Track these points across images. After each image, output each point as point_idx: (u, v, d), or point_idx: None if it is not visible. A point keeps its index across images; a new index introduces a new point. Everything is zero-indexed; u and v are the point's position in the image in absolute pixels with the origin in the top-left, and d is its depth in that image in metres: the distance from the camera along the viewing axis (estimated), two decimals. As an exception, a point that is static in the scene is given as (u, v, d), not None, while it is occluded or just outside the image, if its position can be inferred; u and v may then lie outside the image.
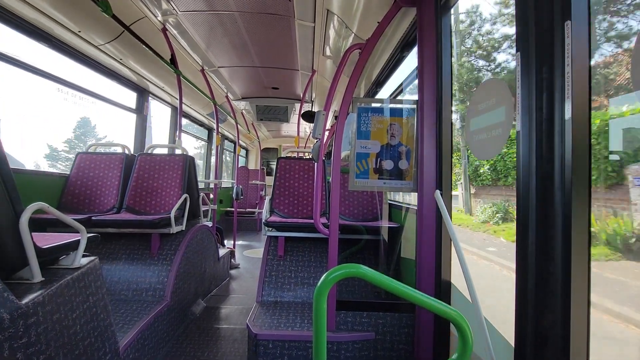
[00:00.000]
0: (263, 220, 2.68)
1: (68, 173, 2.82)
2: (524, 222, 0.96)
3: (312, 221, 2.30)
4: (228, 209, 7.11)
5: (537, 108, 0.93)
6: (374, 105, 1.99)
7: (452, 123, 1.72)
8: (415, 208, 1.86)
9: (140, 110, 3.65)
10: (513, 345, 1.01)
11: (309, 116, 4.18)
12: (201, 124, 5.58)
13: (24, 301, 0.97)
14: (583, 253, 0.85)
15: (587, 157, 0.85)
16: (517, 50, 1.00)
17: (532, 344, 0.94)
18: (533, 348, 0.94)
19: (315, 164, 2.27)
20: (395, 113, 1.97)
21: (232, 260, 4.35)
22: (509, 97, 1.14)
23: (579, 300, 0.85)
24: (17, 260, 1.11)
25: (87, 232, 1.45)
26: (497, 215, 8.12)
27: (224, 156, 7.34)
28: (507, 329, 1.21)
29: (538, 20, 0.93)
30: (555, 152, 0.89)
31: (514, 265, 1.00)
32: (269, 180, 8.40)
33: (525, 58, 0.97)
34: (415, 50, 1.88)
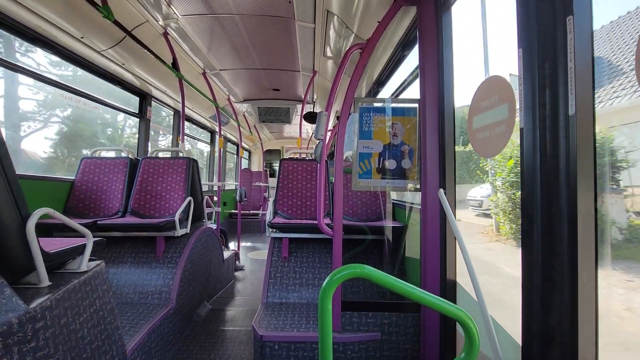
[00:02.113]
0: (267, 222, 2.68)
1: (73, 178, 2.85)
2: (530, 219, 0.96)
3: (315, 222, 2.30)
4: (232, 211, 7.14)
5: (540, 104, 0.92)
6: (375, 104, 1.99)
7: (454, 121, 1.72)
8: (419, 207, 1.85)
9: (143, 115, 3.67)
10: (520, 344, 1.01)
11: (310, 117, 4.18)
12: (204, 127, 5.60)
13: (32, 305, 0.98)
14: (589, 250, 0.84)
15: (592, 153, 0.85)
16: (519, 47, 0.99)
17: (539, 342, 0.93)
18: (540, 346, 0.93)
19: (318, 164, 2.27)
20: (397, 112, 1.97)
21: (236, 262, 4.36)
22: (512, 94, 1.14)
23: (586, 297, 0.84)
24: (25, 265, 1.12)
25: (93, 236, 1.46)
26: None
27: (226, 158, 7.36)
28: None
29: (540, 16, 0.93)
30: (559, 149, 0.88)
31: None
32: (272, 182, 8.41)
33: (527, 54, 0.96)
34: (416, 48, 1.88)
